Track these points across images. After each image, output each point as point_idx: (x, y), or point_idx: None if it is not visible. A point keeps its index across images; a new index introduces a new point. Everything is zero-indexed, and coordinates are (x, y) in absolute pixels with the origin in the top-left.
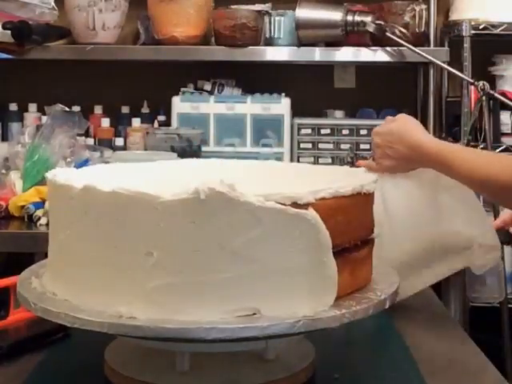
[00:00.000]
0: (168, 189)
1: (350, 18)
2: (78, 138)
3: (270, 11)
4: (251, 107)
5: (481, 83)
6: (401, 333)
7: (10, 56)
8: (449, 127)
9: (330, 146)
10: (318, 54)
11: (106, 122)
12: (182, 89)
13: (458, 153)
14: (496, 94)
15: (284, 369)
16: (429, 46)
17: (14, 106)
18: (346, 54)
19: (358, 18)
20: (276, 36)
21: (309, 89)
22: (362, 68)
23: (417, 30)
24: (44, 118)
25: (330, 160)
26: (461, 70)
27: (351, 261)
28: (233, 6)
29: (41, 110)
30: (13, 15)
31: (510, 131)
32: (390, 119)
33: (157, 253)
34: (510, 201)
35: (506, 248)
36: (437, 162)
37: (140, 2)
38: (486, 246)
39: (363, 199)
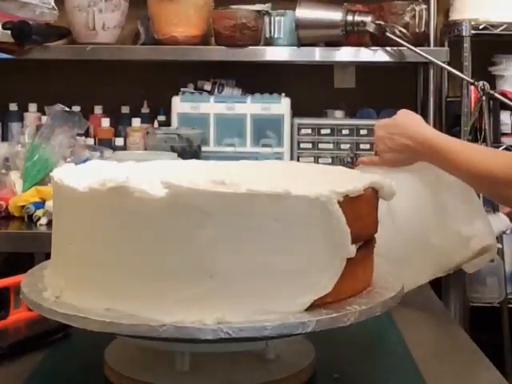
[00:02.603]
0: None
1: (349, 18)
2: (78, 137)
3: (270, 11)
4: (251, 107)
5: (481, 83)
6: (401, 333)
7: (10, 56)
8: (449, 127)
9: (330, 146)
10: (317, 54)
11: (105, 122)
12: (182, 89)
13: (457, 146)
14: (496, 94)
15: (284, 369)
16: (429, 46)
17: (13, 106)
18: (345, 54)
19: (357, 18)
20: (276, 36)
21: (309, 89)
22: (362, 68)
23: (417, 29)
24: (44, 118)
25: (330, 160)
26: (461, 70)
27: (353, 261)
28: (233, 6)
29: (41, 110)
30: (13, 15)
31: (510, 131)
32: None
33: (163, 254)
34: (505, 196)
35: (506, 248)
36: (436, 153)
37: (140, 2)
38: (483, 245)
39: (365, 199)
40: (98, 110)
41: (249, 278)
